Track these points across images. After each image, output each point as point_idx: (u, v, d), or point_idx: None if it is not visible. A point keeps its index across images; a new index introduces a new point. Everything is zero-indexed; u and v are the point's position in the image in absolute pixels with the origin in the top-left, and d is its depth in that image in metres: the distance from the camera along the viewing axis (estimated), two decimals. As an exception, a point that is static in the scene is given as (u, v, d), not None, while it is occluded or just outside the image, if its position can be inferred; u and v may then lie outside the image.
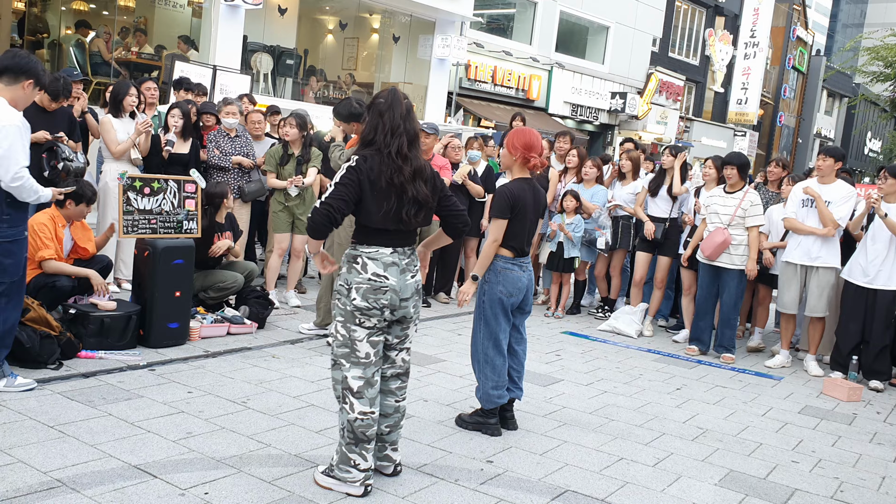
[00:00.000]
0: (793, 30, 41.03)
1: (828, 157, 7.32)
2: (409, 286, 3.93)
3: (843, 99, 50.11)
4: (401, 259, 3.91)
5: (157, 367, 5.58)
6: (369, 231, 3.88)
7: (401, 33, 19.78)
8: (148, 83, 8.34)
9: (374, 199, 3.81)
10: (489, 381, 4.92)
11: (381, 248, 3.87)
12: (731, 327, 7.67)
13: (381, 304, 3.84)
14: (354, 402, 3.86)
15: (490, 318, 4.93)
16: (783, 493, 4.49)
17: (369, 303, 3.83)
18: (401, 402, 4.14)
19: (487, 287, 4.92)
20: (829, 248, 7.29)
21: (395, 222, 3.85)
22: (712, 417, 5.79)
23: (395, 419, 4.13)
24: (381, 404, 4.06)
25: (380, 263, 3.85)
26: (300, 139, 7.75)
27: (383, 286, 3.84)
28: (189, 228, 6.33)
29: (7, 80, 4.61)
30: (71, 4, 15.27)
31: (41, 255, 5.80)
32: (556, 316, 8.98)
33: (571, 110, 25.34)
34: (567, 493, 4.17)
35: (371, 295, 3.83)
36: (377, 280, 3.83)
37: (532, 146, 4.89)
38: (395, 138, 3.86)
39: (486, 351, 4.95)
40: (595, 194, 9.02)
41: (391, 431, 4.12)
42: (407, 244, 3.97)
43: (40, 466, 3.81)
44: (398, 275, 3.88)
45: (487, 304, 4.93)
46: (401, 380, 4.14)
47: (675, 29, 31.77)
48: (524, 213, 4.89)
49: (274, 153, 7.74)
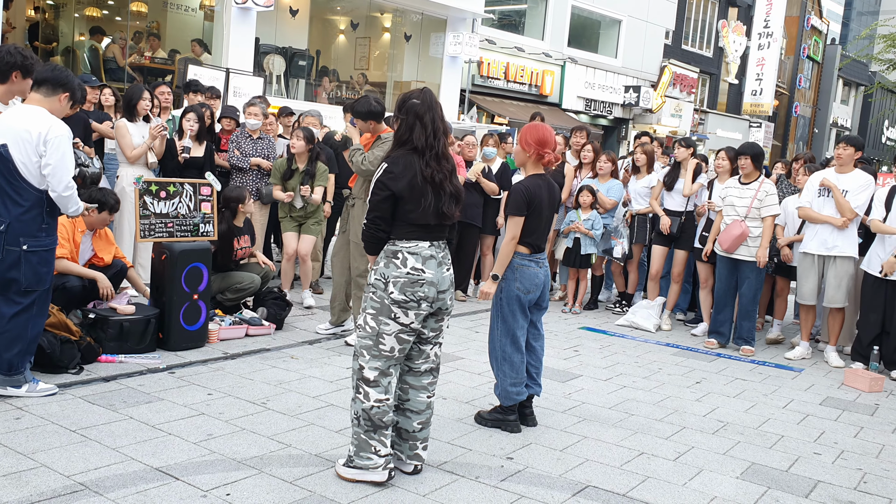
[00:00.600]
0: (807, 19, 40.71)
1: (848, 145, 7.26)
2: (445, 279, 4.04)
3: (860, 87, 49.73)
4: (437, 252, 4.01)
5: (176, 370, 5.60)
6: (408, 227, 3.97)
7: (412, 32, 19.78)
8: (162, 87, 8.40)
9: (412, 199, 3.92)
10: (507, 378, 4.92)
11: (420, 243, 3.96)
12: (750, 319, 7.63)
13: (419, 296, 3.92)
14: (369, 391, 3.94)
15: (507, 315, 4.93)
16: (806, 485, 4.46)
17: (407, 296, 3.90)
18: (432, 397, 4.20)
19: (504, 284, 4.92)
20: (845, 238, 7.23)
21: (435, 217, 3.97)
22: (733, 410, 5.76)
23: (427, 416, 4.17)
24: (413, 400, 4.12)
25: (419, 257, 3.93)
26: (306, 153, 7.70)
27: (420, 279, 3.92)
28: (205, 231, 6.36)
29: (45, 91, 4.73)
30: (84, 11, 15.37)
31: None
32: (574, 312, 8.96)
33: (585, 105, 25.26)
34: (588, 488, 4.16)
35: (409, 288, 3.91)
36: (415, 273, 3.91)
37: (545, 142, 4.89)
38: (437, 139, 4.00)
39: (503, 348, 4.95)
40: (611, 189, 9.00)
41: (423, 428, 4.15)
42: (442, 238, 4.08)
43: (63, 470, 3.84)
44: (436, 268, 3.97)
45: (504, 301, 4.92)
46: (433, 375, 4.21)
47: (688, 21, 31.60)
48: (540, 210, 4.89)
49: (279, 166, 7.75)
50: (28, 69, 4.83)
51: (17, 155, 4.55)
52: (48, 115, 4.66)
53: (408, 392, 4.13)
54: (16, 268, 4.59)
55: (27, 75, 4.84)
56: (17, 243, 4.57)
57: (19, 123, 4.59)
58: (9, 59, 4.78)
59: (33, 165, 4.58)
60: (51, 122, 4.64)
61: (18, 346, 4.69)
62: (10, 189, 4.55)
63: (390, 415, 3.99)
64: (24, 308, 4.68)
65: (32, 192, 4.60)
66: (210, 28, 16.04)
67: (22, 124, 4.58)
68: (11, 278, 4.60)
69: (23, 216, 4.57)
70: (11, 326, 4.65)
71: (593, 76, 25.37)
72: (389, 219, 3.95)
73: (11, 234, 4.56)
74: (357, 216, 6.67)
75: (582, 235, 8.72)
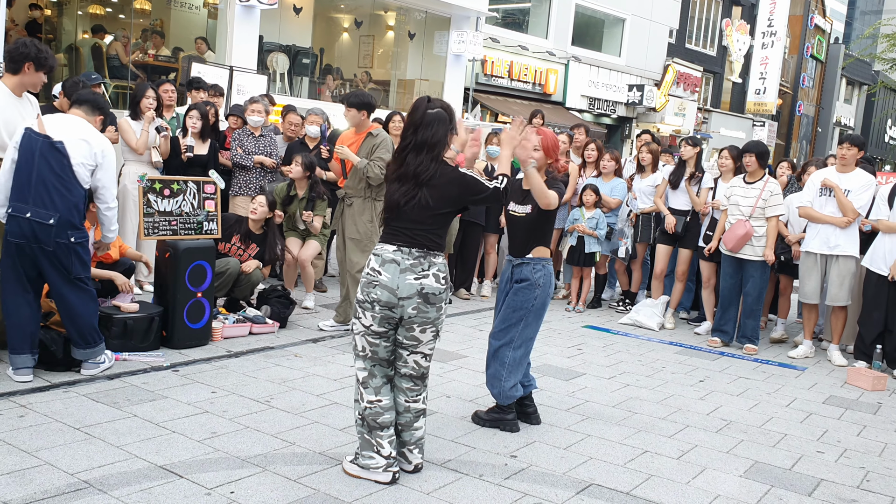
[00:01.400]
0: (810, 18, 40.65)
1: (852, 145, 7.25)
2: (408, 286, 3.87)
3: (863, 87, 49.63)
4: (404, 258, 3.90)
5: (180, 368, 5.61)
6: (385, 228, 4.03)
7: (416, 30, 19.77)
8: (166, 85, 8.40)
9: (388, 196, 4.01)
10: (511, 380, 4.88)
11: (386, 245, 3.95)
12: (754, 318, 7.63)
13: (372, 298, 3.89)
14: (363, 392, 4.00)
15: (533, 322, 4.86)
16: (809, 483, 4.46)
17: (364, 295, 3.93)
18: (411, 403, 4.10)
19: (540, 291, 4.81)
20: (847, 237, 7.22)
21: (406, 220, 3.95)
22: (736, 409, 5.76)
23: (407, 418, 4.10)
24: (394, 400, 4.10)
25: (380, 259, 3.92)
26: (305, 179, 7.66)
27: (374, 281, 3.89)
28: (209, 229, 6.36)
29: (86, 110, 5.15)
30: (87, 9, 15.37)
31: None
32: (577, 310, 8.96)
33: (589, 104, 25.24)
34: (592, 486, 4.16)
35: (365, 288, 3.93)
36: (372, 274, 3.91)
37: (557, 148, 4.89)
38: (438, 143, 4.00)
39: (516, 351, 4.85)
40: (614, 188, 9.00)
41: (403, 431, 4.10)
42: (416, 246, 3.93)
43: (67, 468, 3.85)
44: (396, 273, 3.87)
45: (536, 308, 4.83)
46: (413, 382, 4.10)
47: (692, 20, 31.56)
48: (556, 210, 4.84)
49: (279, 192, 7.72)
50: (41, 62, 5.10)
51: (72, 153, 4.88)
52: (98, 132, 5.06)
53: (392, 390, 4.12)
54: (66, 258, 4.89)
55: (40, 68, 5.12)
56: (66, 236, 4.86)
57: (74, 129, 4.95)
58: (23, 50, 5.03)
59: (85, 168, 4.94)
60: (104, 139, 5.06)
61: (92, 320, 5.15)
62: (60, 184, 4.83)
63: (384, 416, 3.97)
64: (82, 290, 5.05)
65: (80, 189, 4.94)
66: (214, 26, 16.03)
67: (77, 131, 4.95)
68: (64, 267, 4.90)
69: (69, 211, 4.87)
70: (80, 307, 5.03)
71: (597, 75, 25.35)
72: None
73: (60, 227, 4.83)
74: (354, 214, 6.68)
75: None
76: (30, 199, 4.77)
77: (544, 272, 4.83)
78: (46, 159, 4.80)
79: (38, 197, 4.78)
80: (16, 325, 4.91)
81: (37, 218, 4.75)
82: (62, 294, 4.98)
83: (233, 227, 7.00)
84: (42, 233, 4.77)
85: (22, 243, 4.80)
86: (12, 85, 5.16)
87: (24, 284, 4.91)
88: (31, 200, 4.77)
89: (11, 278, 4.89)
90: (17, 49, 5.06)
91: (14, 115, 5.14)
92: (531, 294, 4.81)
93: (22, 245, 4.81)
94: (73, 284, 4.98)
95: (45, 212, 4.77)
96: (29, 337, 4.94)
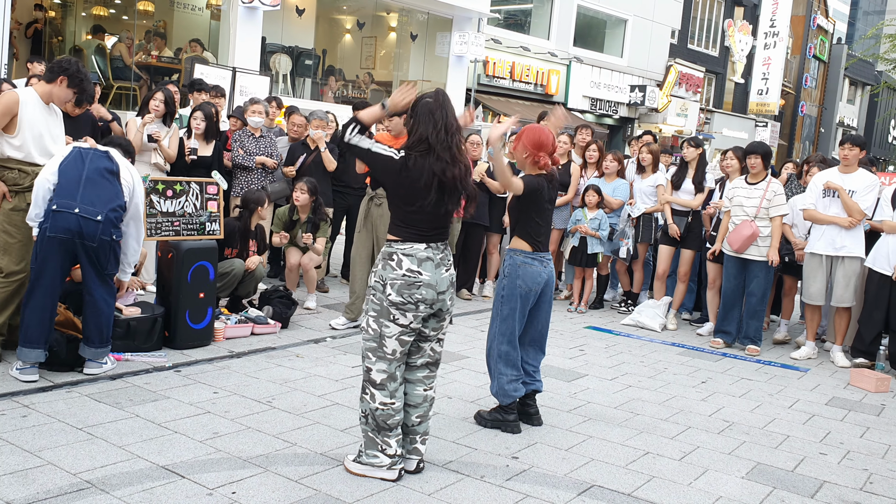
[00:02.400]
0: (813, 18, 40.62)
1: (853, 146, 7.24)
2: (444, 279, 4.01)
3: (866, 87, 49.56)
4: (435, 254, 3.98)
5: (182, 369, 5.62)
6: (406, 228, 3.98)
7: (418, 31, 19.79)
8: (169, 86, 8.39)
9: (414, 197, 3.93)
10: (505, 376, 4.90)
11: (416, 244, 3.95)
12: (758, 319, 7.61)
13: (416, 298, 3.92)
14: (376, 393, 3.98)
15: (507, 314, 4.91)
16: (811, 485, 4.46)
17: (404, 297, 3.90)
18: (429, 391, 4.20)
19: (507, 281, 4.90)
20: (853, 238, 7.21)
21: (433, 218, 3.99)
22: (738, 410, 5.76)
23: (425, 409, 4.17)
24: (409, 394, 4.14)
25: (414, 259, 3.93)
26: (309, 205, 7.64)
27: (417, 281, 3.91)
28: (212, 230, 6.37)
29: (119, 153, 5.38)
30: (91, 10, 15.40)
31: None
32: (579, 311, 8.95)
33: (591, 104, 25.23)
34: (593, 487, 4.16)
35: (406, 290, 3.90)
36: (411, 275, 3.91)
37: (541, 145, 4.87)
38: (449, 136, 3.99)
39: (500, 346, 4.93)
40: (617, 188, 8.99)
41: (421, 422, 4.17)
42: (441, 239, 4.06)
43: (70, 468, 3.85)
44: (433, 269, 3.95)
45: (506, 298, 4.91)
46: (429, 369, 4.21)
47: (694, 20, 31.54)
48: (540, 202, 4.89)
49: (281, 215, 7.70)
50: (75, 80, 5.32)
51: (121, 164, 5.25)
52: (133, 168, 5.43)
53: (404, 386, 4.15)
54: (105, 255, 5.07)
55: (72, 85, 5.34)
56: (110, 234, 5.05)
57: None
58: (64, 65, 5.35)
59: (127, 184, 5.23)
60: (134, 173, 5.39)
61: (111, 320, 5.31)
62: (109, 185, 5.12)
63: (395, 418, 4.00)
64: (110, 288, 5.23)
65: (123, 196, 5.18)
66: (216, 27, 16.06)
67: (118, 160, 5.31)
68: (101, 264, 5.07)
69: (113, 212, 5.07)
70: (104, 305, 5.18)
71: (599, 75, 25.34)
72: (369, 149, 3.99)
73: (107, 225, 5.01)
74: (384, 214, 6.67)
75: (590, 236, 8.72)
76: (78, 197, 4.95)
77: (510, 262, 4.91)
78: (96, 163, 5.12)
79: (86, 195, 4.98)
80: (38, 321, 4.97)
81: (85, 214, 4.92)
82: (92, 289, 5.12)
83: (236, 231, 6.99)
84: (89, 228, 4.93)
85: (66, 238, 4.92)
86: (42, 91, 5.35)
87: (55, 284, 5.03)
88: (80, 198, 4.95)
89: (46, 276, 4.98)
90: (59, 63, 5.38)
91: (39, 118, 5.30)
92: (500, 286, 4.96)
93: (65, 241, 4.93)
94: (104, 280, 5.15)
95: (93, 209, 4.96)
96: (46, 333, 5.03)
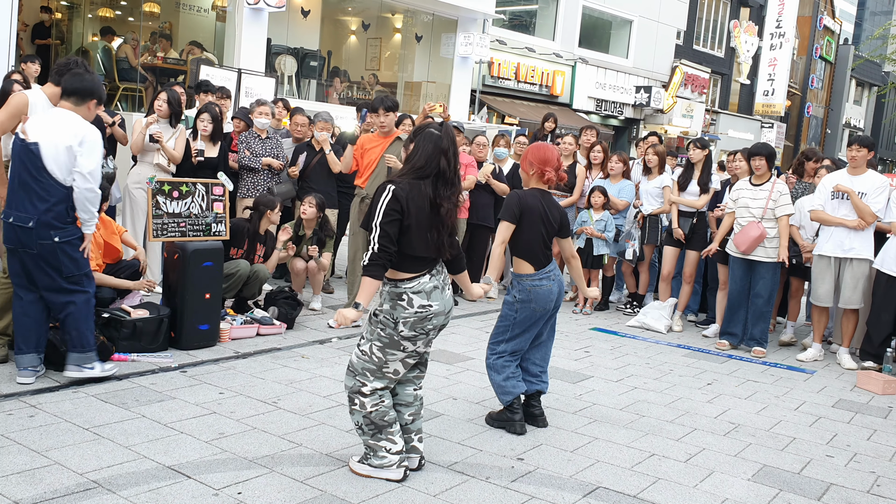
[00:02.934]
0: (819, 19, 40.54)
1: (861, 146, 7.21)
2: (449, 300, 4.08)
3: (873, 88, 49.48)
4: (438, 279, 4.04)
5: (188, 369, 5.63)
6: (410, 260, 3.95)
7: (423, 32, 19.80)
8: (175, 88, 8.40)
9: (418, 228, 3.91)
10: (500, 374, 4.94)
11: (422, 278, 3.97)
12: (764, 320, 7.58)
13: (428, 328, 3.99)
14: (364, 401, 4.01)
15: (519, 332, 4.93)
16: (818, 487, 4.45)
17: (417, 331, 3.96)
18: (418, 390, 4.27)
19: (520, 306, 4.88)
20: (862, 240, 7.19)
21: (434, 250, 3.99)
22: (744, 412, 5.75)
23: (416, 407, 4.24)
24: (400, 394, 4.19)
25: (423, 294, 3.95)
26: (315, 220, 7.64)
27: (429, 314, 3.96)
28: (217, 231, 6.38)
29: (74, 101, 4.95)
30: (97, 12, 15.44)
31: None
32: (585, 312, 8.95)
33: (596, 105, 25.22)
34: (599, 489, 4.16)
35: (419, 324, 3.96)
36: (423, 311, 3.95)
37: (547, 160, 4.92)
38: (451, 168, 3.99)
39: (502, 358, 4.96)
40: (622, 189, 8.98)
41: (415, 420, 4.22)
42: (439, 261, 4.10)
43: (76, 468, 3.86)
44: (440, 296, 4.01)
45: (521, 321, 4.90)
46: (419, 369, 4.27)
47: (700, 21, 31.52)
48: (533, 222, 4.88)
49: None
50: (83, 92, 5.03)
51: (49, 153, 4.75)
52: (83, 121, 4.91)
53: (395, 388, 4.18)
54: (53, 258, 4.82)
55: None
56: (49, 236, 4.78)
57: (55, 127, 4.81)
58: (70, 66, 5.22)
59: (63, 165, 4.77)
60: (86, 128, 4.89)
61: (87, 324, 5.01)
62: (36, 185, 4.77)
63: (391, 414, 4.04)
64: (75, 292, 4.93)
65: (59, 188, 4.80)
66: (222, 29, 16.09)
67: (58, 128, 4.80)
68: (53, 269, 4.84)
69: (48, 212, 4.77)
70: (73, 310, 4.92)
71: (604, 76, 25.33)
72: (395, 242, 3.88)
73: (41, 229, 4.76)
74: None
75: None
76: (12, 204, 4.81)
77: (520, 288, 4.90)
78: (23, 162, 4.79)
79: (18, 201, 4.79)
80: (23, 326, 4.95)
81: (18, 222, 4.76)
82: (53, 297, 4.92)
83: (243, 233, 7.00)
84: (24, 236, 4.77)
85: (13, 248, 4.85)
86: (50, 93, 5.35)
87: (29, 291, 4.94)
88: (14, 205, 4.81)
89: (17, 286, 4.95)
90: (65, 63, 5.32)
91: None
92: (512, 308, 4.93)
93: (13, 250, 4.87)
94: (66, 285, 4.90)
95: (24, 215, 4.75)
96: (34, 337, 4.97)
